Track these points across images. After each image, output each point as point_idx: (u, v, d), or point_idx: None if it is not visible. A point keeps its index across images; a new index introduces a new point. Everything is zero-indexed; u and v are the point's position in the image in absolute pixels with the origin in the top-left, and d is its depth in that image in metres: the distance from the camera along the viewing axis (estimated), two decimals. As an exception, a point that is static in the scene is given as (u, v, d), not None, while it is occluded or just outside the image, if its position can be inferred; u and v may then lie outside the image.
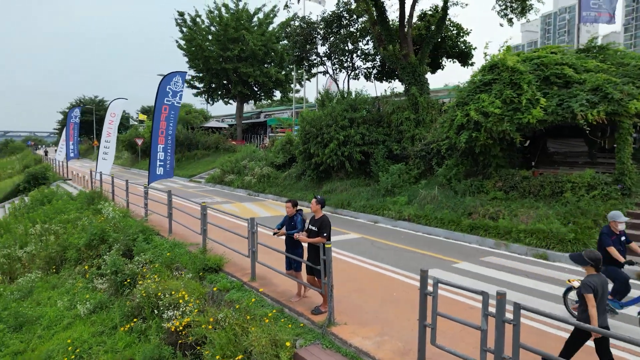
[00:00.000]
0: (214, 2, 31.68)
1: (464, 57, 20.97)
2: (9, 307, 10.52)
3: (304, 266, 7.46)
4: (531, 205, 11.75)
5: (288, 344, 6.01)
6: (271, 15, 32.59)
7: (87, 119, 62.24)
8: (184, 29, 31.97)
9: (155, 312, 7.90)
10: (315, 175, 18.44)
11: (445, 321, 5.36)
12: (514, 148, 13.32)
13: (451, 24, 20.48)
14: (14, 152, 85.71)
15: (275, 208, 17.06)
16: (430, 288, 5.30)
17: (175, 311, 7.65)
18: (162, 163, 13.99)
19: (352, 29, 22.34)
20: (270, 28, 32.44)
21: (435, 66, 21.63)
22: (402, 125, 17.10)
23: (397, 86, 25.28)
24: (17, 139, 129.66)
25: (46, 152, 59.56)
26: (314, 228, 6.82)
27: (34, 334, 9.40)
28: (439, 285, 5.20)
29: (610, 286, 6.55)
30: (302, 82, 31.06)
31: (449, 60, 21.68)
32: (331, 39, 22.48)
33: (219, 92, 33.80)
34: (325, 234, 6.60)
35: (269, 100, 35.56)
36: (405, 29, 17.61)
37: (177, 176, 29.39)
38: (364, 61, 23.18)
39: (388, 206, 14.31)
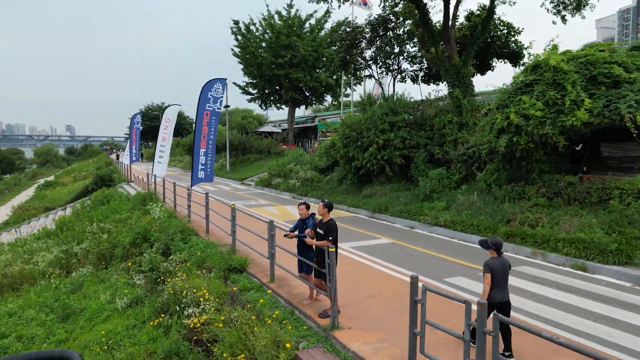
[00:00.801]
0: (267, 10, 32.62)
1: (515, 57, 20.08)
2: (60, 299, 11.44)
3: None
4: (575, 212, 11.05)
5: (288, 345, 6.11)
6: (322, 21, 32.96)
7: (155, 125, 65.85)
8: (239, 37, 33.15)
9: (177, 308, 8.28)
10: (356, 179, 18.43)
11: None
12: (560, 152, 12.59)
13: (501, 23, 19.71)
14: (92, 155, 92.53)
15: (315, 212, 17.20)
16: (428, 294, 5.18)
17: (195, 308, 7.99)
18: (203, 167, 14.62)
19: (399, 32, 22.13)
20: (322, 33, 32.82)
21: (485, 67, 20.91)
22: (445, 129, 16.69)
23: (443, 89, 24.64)
24: (95, 144, 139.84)
25: (117, 156, 63.81)
26: (320, 231, 6.88)
27: (77, 324, 10.16)
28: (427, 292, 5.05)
29: None
30: (352, 86, 31.16)
31: (500, 61, 20.87)
32: (377, 42, 22.38)
33: (272, 98, 34.67)
34: (330, 238, 6.65)
35: (321, 105, 35.99)
36: (449, 30, 17.18)
37: (230, 179, 30.45)
38: (411, 64, 22.87)
39: (424, 211, 14.02)
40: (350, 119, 18.47)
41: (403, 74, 23.08)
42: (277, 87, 33.64)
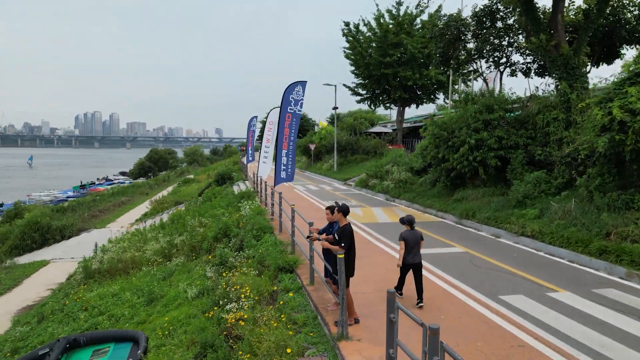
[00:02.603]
0: (377, 10, 32.35)
1: (650, 41, 16.97)
2: (149, 285, 12.84)
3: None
4: (694, 229, 9.01)
5: (289, 350, 6.06)
6: (434, 16, 31.61)
7: (279, 127, 69.87)
8: (349, 38, 33.46)
9: (220, 302, 8.72)
10: (448, 182, 17.36)
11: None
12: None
13: (631, 3, 16.81)
14: (230, 155, 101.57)
15: (400, 215, 16.63)
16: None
17: (234, 304, 8.34)
18: (285, 167, 15.11)
19: (509, 22, 20.27)
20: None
21: (612, 56, 18.07)
22: (549, 127, 14.84)
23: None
24: (236, 145, 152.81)
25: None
26: (336, 237, 6.67)
27: (155, 309, 11.31)
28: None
29: None
30: (467, 83, 29.32)
31: (632, 46, 17.83)
32: (484, 34, 20.76)
33: (380, 98, 34.33)
34: (343, 244, 6.40)
35: (433, 103, 34.63)
36: (557, 16, 15.21)
37: (335, 179, 30.96)
38: (523, 55, 20.75)
39: (511, 219, 12.65)
40: (443, 117, 17.45)
41: (513, 67, 21.07)
42: (386, 87, 33.20)
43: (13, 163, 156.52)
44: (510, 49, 20.79)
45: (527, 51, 20.29)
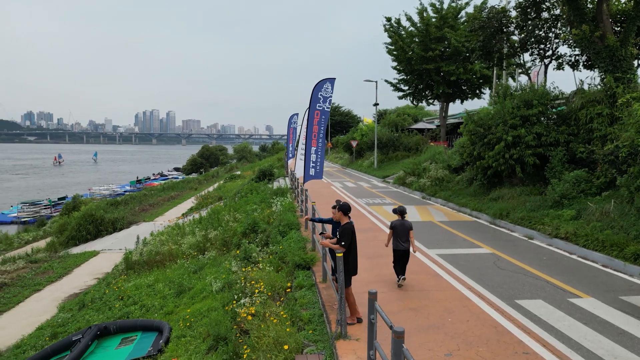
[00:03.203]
0: (420, 4, 31.61)
1: None
2: (181, 277, 13.32)
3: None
4: None
5: (286, 347, 6.11)
6: (480, 10, 30.51)
7: (324, 123, 70.02)
8: (392, 33, 32.94)
9: (235, 297, 8.91)
10: (485, 181, 16.77)
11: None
12: None
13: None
14: (278, 152, 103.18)
15: (432, 214, 16.31)
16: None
17: (248, 299, 8.50)
18: (314, 164, 15.16)
19: (555, 12, 19.26)
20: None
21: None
22: (592, 123, 14.00)
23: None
24: (283, 141, 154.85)
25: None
26: (337, 235, 6.64)
27: (182, 300, 11.73)
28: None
29: None
30: (516, 78, 28.13)
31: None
32: (528, 26, 19.84)
33: (423, 94, 33.57)
34: (343, 243, 6.36)
35: (478, 99, 33.41)
36: (602, 5, 14.29)
37: (375, 176, 30.69)
38: (571, 47, 19.63)
39: (545, 220, 12.06)
40: (480, 112, 16.86)
41: (560, 60, 19.99)
42: (429, 82, 32.44)
43: (79, 159, 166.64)
44: (557, 40, 19.77)
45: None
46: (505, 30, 20.42)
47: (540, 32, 19.71)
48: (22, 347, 11.42)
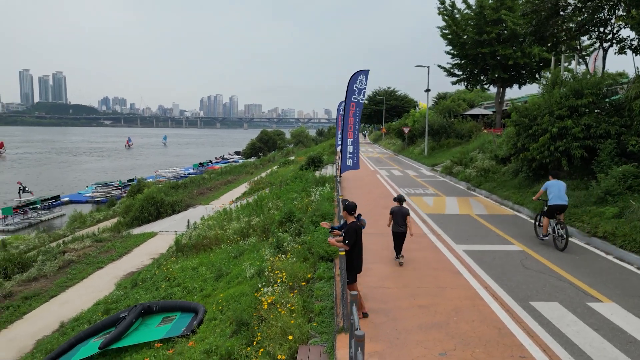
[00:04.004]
0: (476, -15, 30.31)
1: None
2: (221, 262, 14.13)
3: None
4: None
5: (290, 337, 6.52)
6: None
7: (379, 109, 69.40)
8: (445, 17, 31.93)
9: (259, 285, 9.43)
10: (530, 173, 16.19)
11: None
12: None
13: None
14: (334, 136, 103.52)
15: (472, 206, 16.02)
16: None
17: (271, 288, 9.00)
18: (350, 155, 15.38)
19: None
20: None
21: None
22: (648, 114, 13.10)
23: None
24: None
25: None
26: (342, 233, 6.90)
27: (220, 285, 12.50)
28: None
29: None
30: (574, 61, 26.45)
31: None
32: (587, 6, 18.59)
33: (478, 78, 32.37)
34: (346, 241, 6.61)
35: (537, 84, 31.67)
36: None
37: (424, 164, 30.28)
38: (637, 31, 18.19)
39: (584, 218, 11.56)
40: (530, 102, 16.20)
41: (622, 44, 18.60)
42: (484, 66, 31.24)
43: (149, 142, 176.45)
44: (620, 23, 18.39)
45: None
46: (561, 12, 19.27)
47: (601, 14, 18.42)
48: (79, 320, 12.75)
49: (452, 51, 32.61)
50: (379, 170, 28.10)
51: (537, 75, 31.23)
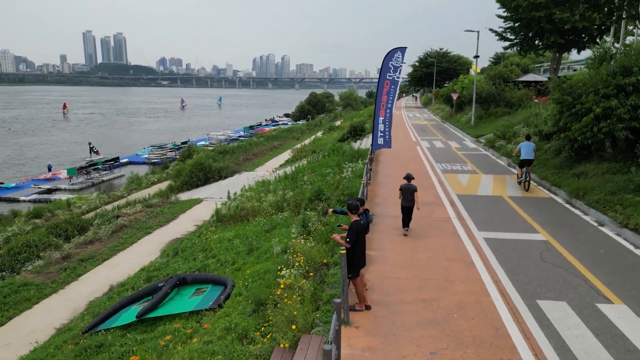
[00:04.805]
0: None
1: None
2: (253, 236, 14.80)
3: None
4: None
5: (294, 327, 6.98)
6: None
7: (430, 71, 67.02)
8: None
9: (278, 267, 9.93)
10: (572, 153, 15.48)
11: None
12: None
13: None
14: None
15: (507, 186, 15.62)
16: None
17: (288, 270, 9.49)
18: (382, 134, 15.32)
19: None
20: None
21: None
22: None
23: None
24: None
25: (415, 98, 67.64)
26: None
27: (249, 259, 13.19)
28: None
29: None
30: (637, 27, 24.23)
31: None
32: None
33: (532, 43, 30.43)
34: (347, 239, 6.86)
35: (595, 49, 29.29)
36: None
37: (468, 135, 29.43)
38: None
39: (617, 207, 11.09)
40: (574, 78, 15.29)
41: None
42: (539, 30, 29.31)
43: (203, 103, 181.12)
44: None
45: None
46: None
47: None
48: (125, 285, 13.98)
49: (504, 14, 30.78)
50: (421, 141, 27.67)
51: (598, 40, 28.99)
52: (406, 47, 14.64)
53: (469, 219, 12.00)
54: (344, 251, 6.73)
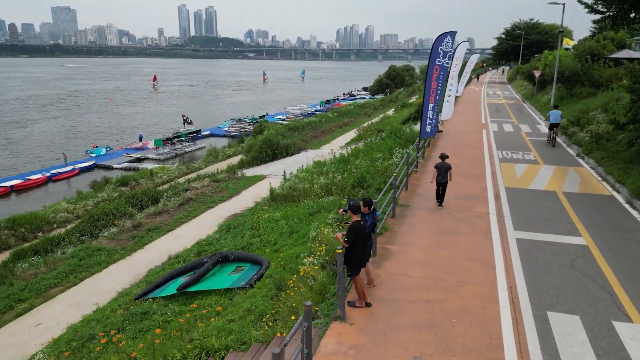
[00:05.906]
0: None
1: None
2: (297, 218, 15.32)
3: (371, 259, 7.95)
4: None
5: (293, 317, 7.38)
6: None
7: (517, 44, 62.32)
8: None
9: (304, 255, 10.33)
10: (645, 146, 14.04)
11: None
12: None
13: None
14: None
15: (566, 180, 14.57)
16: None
17: (309, 258, 9.87)
18: (430, 121, 14.92)
19: None
20: None
21: None
22: None
23: None
24: (485, 55, 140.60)
25: (503, 71, 63.52)
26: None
27: (289, 242, 13.76)
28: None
29: None
30: None
31: None
32: None
33: (627, 17, 27.12)
34: (346, 239, 7.03)
35: None
36: None
37: (543, 118, 27.42)
38: None
39: (677, 213, 10.02)
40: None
41: None
42: (636, 1, 26.06)
43: (286, 76, 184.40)
44: None
45: None
46: None
47: None
48: (178, 258, 15.25)
49: (597, -17, 27.70)
50: (490, 123, 26.31)
51: None
52: (456, 32, 13.96)
53: (508, 216, 11.51)
54: (341, 250, 6.93)
